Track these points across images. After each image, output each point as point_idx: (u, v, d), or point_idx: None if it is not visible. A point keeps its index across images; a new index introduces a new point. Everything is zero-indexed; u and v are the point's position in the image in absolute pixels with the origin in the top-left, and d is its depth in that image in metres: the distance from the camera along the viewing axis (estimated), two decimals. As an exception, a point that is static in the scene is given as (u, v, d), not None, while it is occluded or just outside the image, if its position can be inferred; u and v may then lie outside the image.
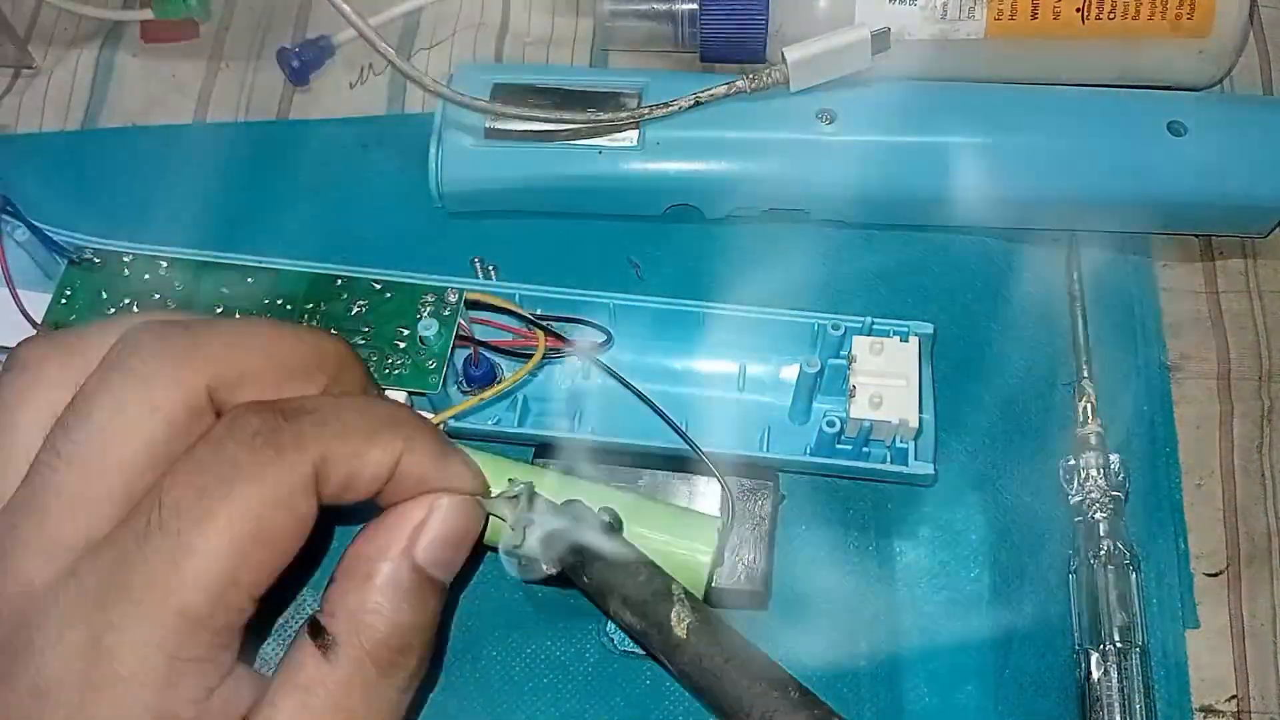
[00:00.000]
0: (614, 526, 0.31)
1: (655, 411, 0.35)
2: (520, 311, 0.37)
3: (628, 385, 0.36)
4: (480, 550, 0.29)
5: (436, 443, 0.27)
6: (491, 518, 0.29)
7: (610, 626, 0.36)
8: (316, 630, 0.26)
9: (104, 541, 0.24)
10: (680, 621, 0.28)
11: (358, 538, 0.27)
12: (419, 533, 0.27)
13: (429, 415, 0.34)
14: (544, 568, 0.30)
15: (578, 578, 0.30)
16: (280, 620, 0.35)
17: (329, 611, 0.26)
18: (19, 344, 0.27)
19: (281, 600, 0.35)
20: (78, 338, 0.27)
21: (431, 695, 0.35)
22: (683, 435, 0.35)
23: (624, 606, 0.29)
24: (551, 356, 0.37)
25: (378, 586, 0.26)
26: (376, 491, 0.26)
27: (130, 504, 0.24)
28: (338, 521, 0.31)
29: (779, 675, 0.28)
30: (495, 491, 0.29)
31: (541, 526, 0.29)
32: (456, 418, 0.35)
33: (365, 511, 0.27)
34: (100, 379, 0.25)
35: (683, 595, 0.29)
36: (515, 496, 0.29)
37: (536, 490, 0.30)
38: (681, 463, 0.35)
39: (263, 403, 0.25)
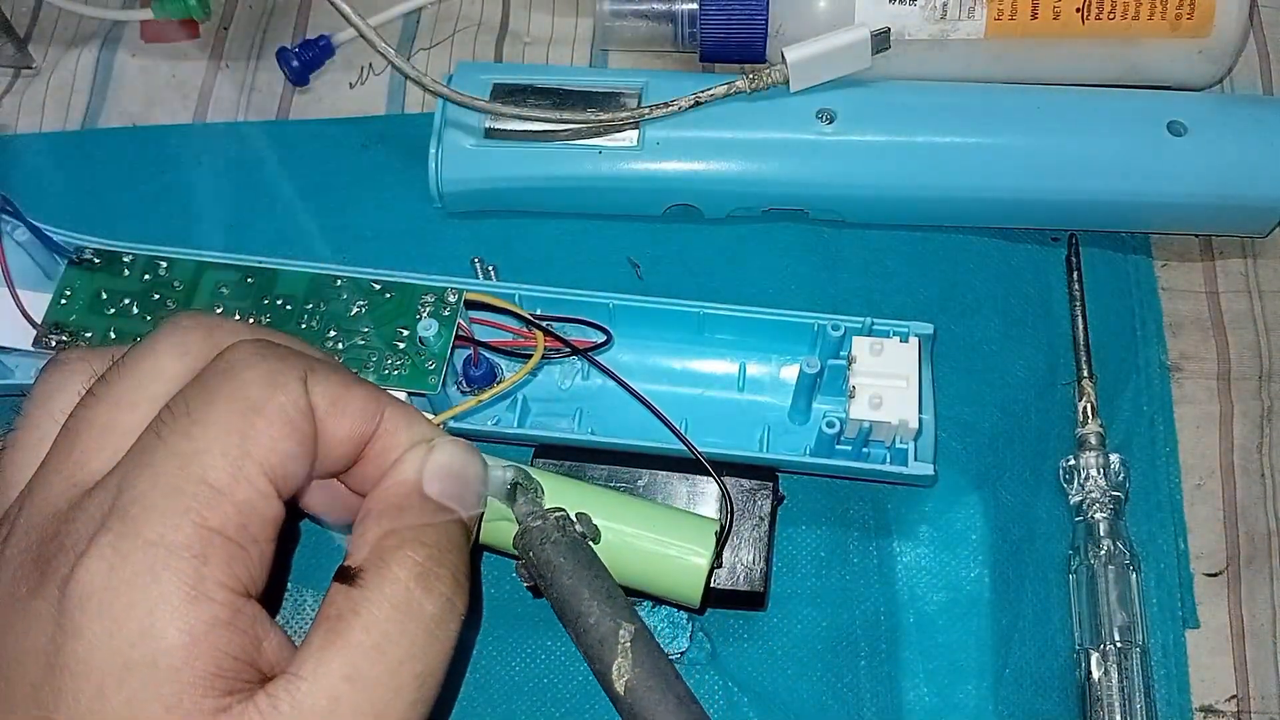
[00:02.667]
0: (586, 537, 0.30)
1: (653, 412, 0.35)
2: (520, 312, 0.37)
3: (626, 386, 0.36)
4: (477, 552, 0.30)
5: (412, 412, 0.28)
6: (489, 523, 0.30)
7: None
8: (343, 572, 0.26)
9: (128, 453, 0.25)
10: (620, 676, 0.27)
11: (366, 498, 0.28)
12: (424, 469, 0.27)
13: (429, 416, 0.34)
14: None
15: (540, 596, 0.30)
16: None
17: (351, 553, 0.26)
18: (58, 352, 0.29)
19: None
20: (113, 347, 0.28)
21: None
22: (680, 436, 0.35)
23: (576, 643, 0.29)
24: (551, 357, 0.37)
25: (392, 517, 0.26)
26: (361, 442, 0.27)
27: None
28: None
29: None
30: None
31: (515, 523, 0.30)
32: (457, 418, 0.35)
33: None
34: (137, 345, 0.27)
35: (628, 645, 0.28)
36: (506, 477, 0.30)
37: (521, 483, 0.30)
38: (681, 463, 0.35)
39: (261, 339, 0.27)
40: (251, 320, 0.36)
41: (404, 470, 0.27)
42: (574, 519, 0.30)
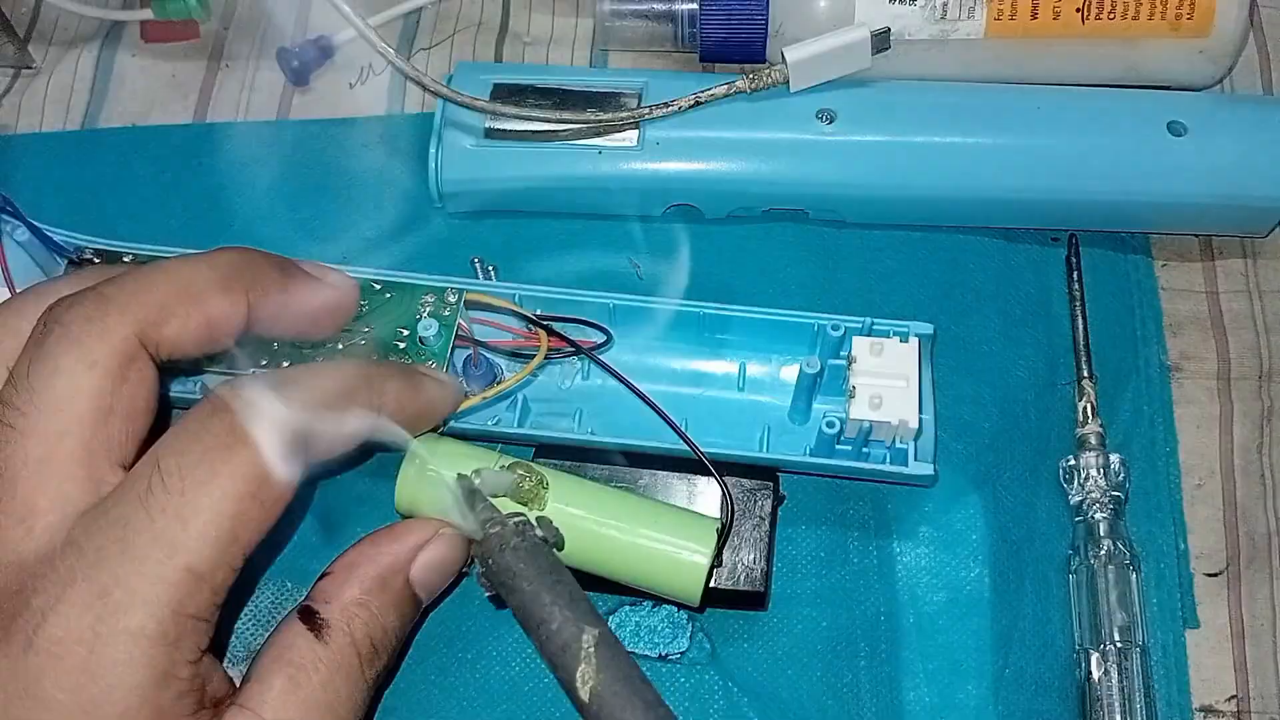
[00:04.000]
0: (548, 542, 0.30)
1: (655, 411, 0.35)
2: (521, 311, 0.37)
3: (629, 385, 0.36)
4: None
5: (408, 382, 0.31)
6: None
7: (610, 626, 0.35)
8: (309, 614, 0.27)
9: (99, 508, 0.25)
10: (584, 683, 0.27)
11: (362, 541, 0.30)
12: (418, 552, 0.29)
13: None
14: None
15: (503, 605, 0.30)
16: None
17: (322, 600, 0.28)
18: None
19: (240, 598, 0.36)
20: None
21: (431, 694, 0.35)
22: (682, 435, 0.35)
23: (540, 651, 0.28)
24: (553, 357, 0.37)
25: (373, 587, 0.28)
26: (361, 441, 0.29)
27: (93, 460, 0.26)
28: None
29: None
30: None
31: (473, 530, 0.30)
32: (457, 417, 0.35)
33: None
34: (31, 356, 0.26)
35: (591, 650, 0.27)
36: (466, 484, 0.30)
37: (479, 491, 0.31)
38: (682, 463, 0.35)
39: (248, 379, 0.27)
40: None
41: (404, 544, 0.29)
42: (534, 524, 0.30)
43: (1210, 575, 0.37)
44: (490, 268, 0.40)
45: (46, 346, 0.26)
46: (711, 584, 0.33)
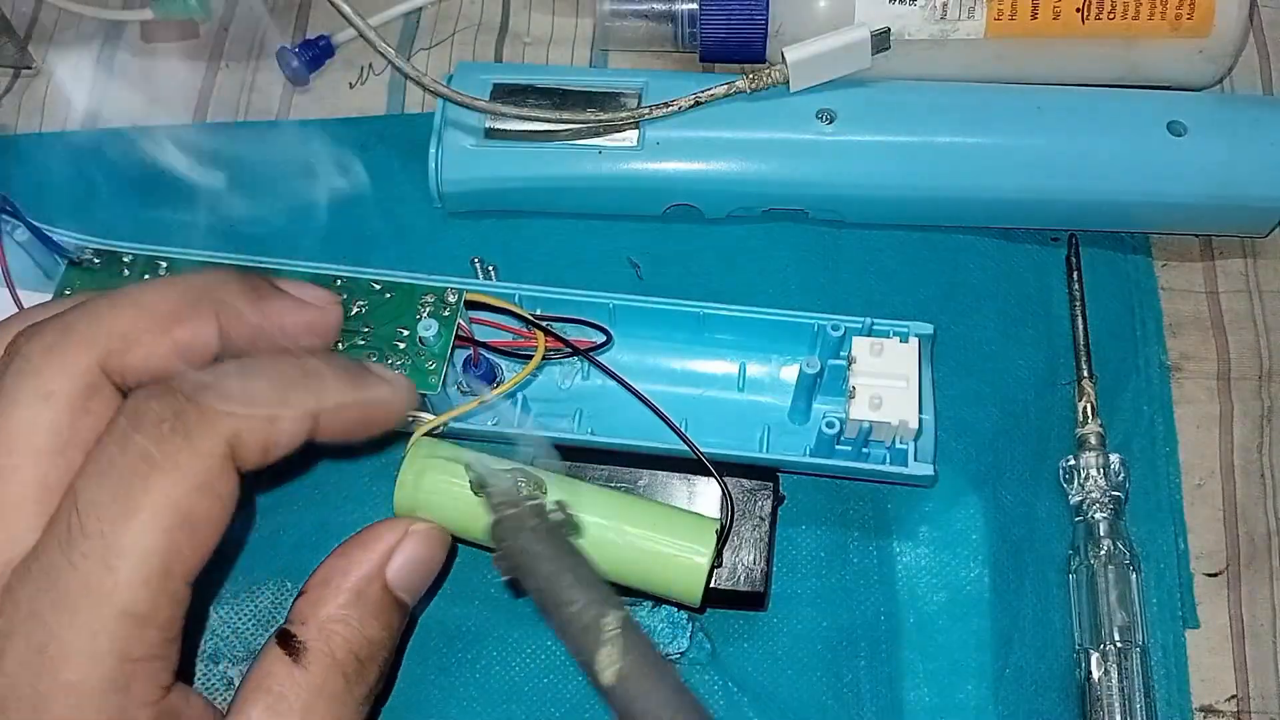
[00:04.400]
0: (565, 524, 0.29)
1: (654, 412, 0.35)
2: (520, 312, 0.37)
3: (627, 386, 0.36)
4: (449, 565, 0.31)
5: (350, 382, 0.28)
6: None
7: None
8: (286, 638, 0.26)
9: (31, 554, 0.24)
10: (609, 664, 0.26)
11: (332, 554, 0.28)
12: (391, 555, 0.28)
13: (428, 416, 0.34)
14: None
15: (520, 592, 0.29)
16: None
17: (299, 621, 0.27)
18: None
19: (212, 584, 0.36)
20: None
21: (431, 694, 0.35)
22: (681, 435, 0.35)
23: (560, 634, 0.27)
24: (551, 357, 0.37)
25: (349, 600, 0.27)
26: (300, 445, 0.27)
27: (48, 496, 0.24)
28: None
29: None
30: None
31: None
32: (459, 418, 0.35)
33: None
34: None
35: (617, 632, 0.26)
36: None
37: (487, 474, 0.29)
38: (681, 463, 0.35)
39: (161, 384, 0.25)
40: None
41: (376, 549, 0.28)
42: (550, 506, 0.29)
43: (1210, 575, 0.37)
44: (490, 268, 0.40)
45: (5, 380, 0.25)
46: (711, 584, 0.33)
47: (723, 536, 0.33)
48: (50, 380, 0.25)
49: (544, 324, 0.37)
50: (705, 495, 0.35)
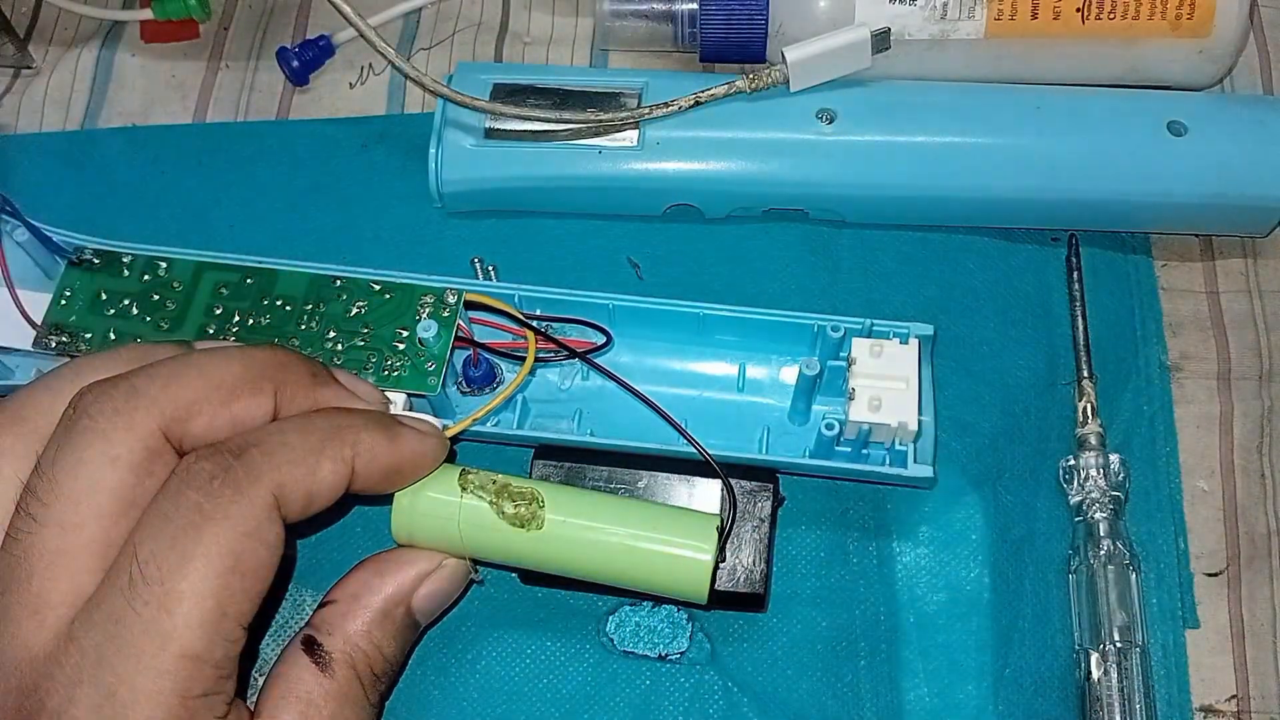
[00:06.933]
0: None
1: (655, 411, 0.35)
2: (512, 311, 0.37)
3: (627, 387, 0.36)
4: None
5: (384, 433, 0.29)
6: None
7: (610, 626, 0.36)
8: (311, 645, 0.28)
9: (91, 603, 0.25)
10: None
11: (365, 567, 0.30)
12: (421, 582, 0.30)
13: (433, 420, 0.33)
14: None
15: None
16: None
17: (325, 630, 0.29)
18: None
19: (265, 620, 0.36)
20: (28, 406, 0.28)
21: (431, 695, 0.35)
22: (683, 433, 0.35)
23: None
24: (549, 360, 0.37)
25: (376, 620, 0.29)
26: (340, 495, 0.28)
27: (110, 554, 0.26)
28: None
29: None
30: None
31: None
32: (455, 420, 0.35)
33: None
34: (58, 444, 0.26)
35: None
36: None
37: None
38: (682, 464, 0.35)
39: (211, 446, 0.27)
40: (251, 321, 0.36)
41: (406, 576, 0.30)
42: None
43: (1210, 575, 0.37)
44: (490, 268, 0.40)
45: (73, 437, 0.26)
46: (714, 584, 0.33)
47: (725, 532, 0.33)
48: (117, 444, 0.26)
49: (539, 325, 0.37)
50: (706, 495, 0.35)
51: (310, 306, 0.36)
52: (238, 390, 0.28)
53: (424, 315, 0.36)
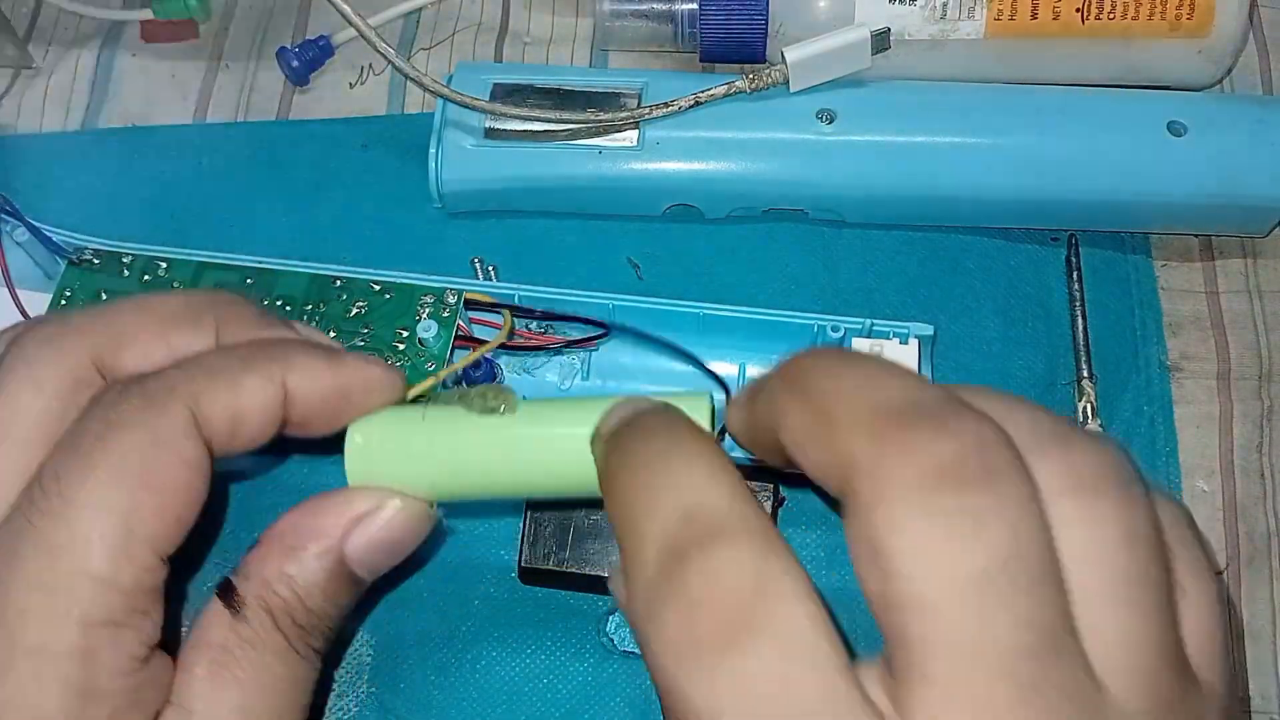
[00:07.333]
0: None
1: (671, 349, 0.34)
2: (493, 302, 0.36)
3: (644, 335, 0.35)
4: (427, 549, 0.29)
5: (323, 357, 0.26)
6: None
7: (610, 626, 0.36)
8: (227, 590, 0.25)
9: None
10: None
11: (294, 508, 0.27)
12: (356, 526, 0.26)
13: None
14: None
15: None
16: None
17: (243, 575, 0.26)
18: None
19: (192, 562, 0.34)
20: None
21: (431, 695, 0.35)
22: (694, 360, 0.33)
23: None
24: (552, 343, 0.37)
25: (298, 565, 0.25)
26: (277, 425, 0.26)
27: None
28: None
29: None
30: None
31: None
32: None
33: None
34: None
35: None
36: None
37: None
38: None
39: (130, 375, 0.25)
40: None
41: (336, 515, 0.26)
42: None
43: (1210, 575, 0.37)
44: (490, 268, 0.40)
45: (2, 366, 0.25)
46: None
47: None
48: (42, 370, 0.25)
49: (539, 325, 0.37)
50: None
51: (310, 306, 0.36)
52: (175, 321, 0.26)
53: (424, 315, 0.36)
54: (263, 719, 0.25)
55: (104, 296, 0.37)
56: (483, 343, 0.37)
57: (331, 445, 0.27)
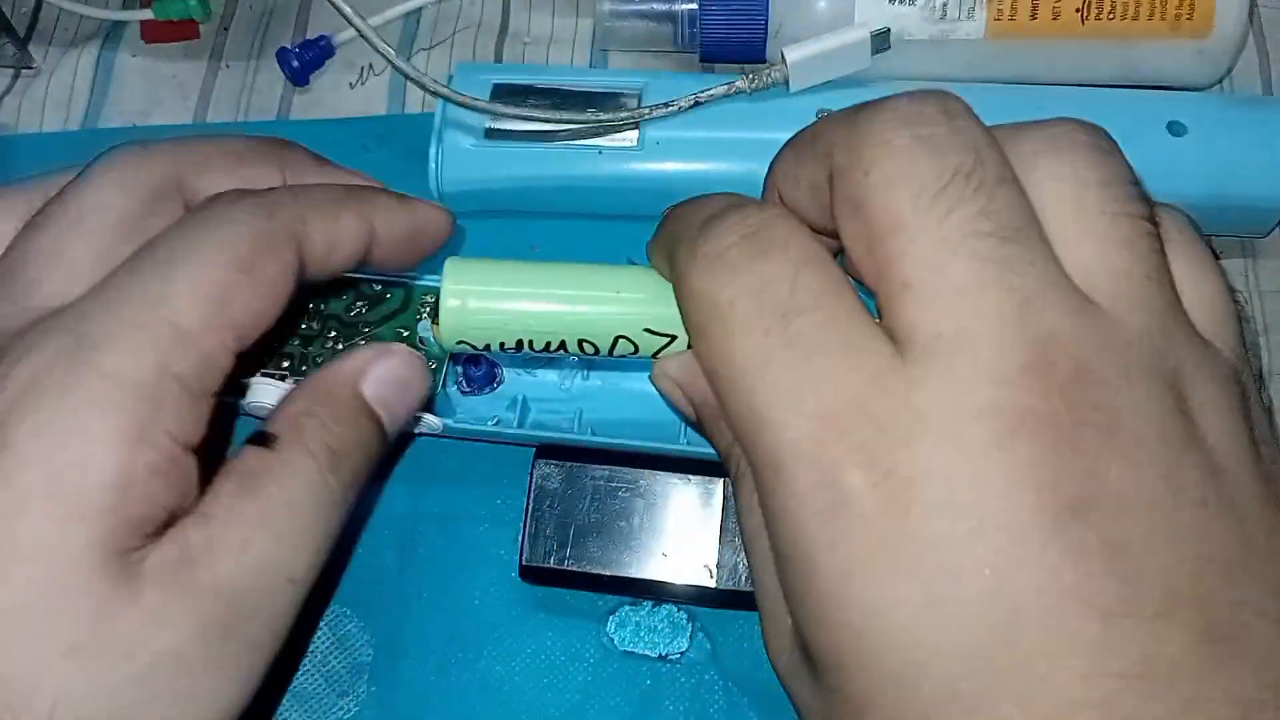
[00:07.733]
0: None
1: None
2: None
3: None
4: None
5: (398, 199, 0.30)
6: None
7: (610, 626, 0.36)
8: (257, 435, 0.26)
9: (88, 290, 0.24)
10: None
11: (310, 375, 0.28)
12: (369, 368, 0.28)
13: (432, 418, 0.34)
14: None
15: None
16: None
17: (270, 421, 0.26)
18: None
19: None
20: (41, 181, 0.29)
21: (431, 695, 0.35)
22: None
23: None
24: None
25: (319, 399, 0.27)
26: (359, 258, 0.28)
27: (109, 267, 0.25)
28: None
29: None
30: None
31: None
32: (455, 420, 0.35)
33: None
34: (73, 180, 0.27)
35: None
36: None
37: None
38: (683, 463, 0.35)
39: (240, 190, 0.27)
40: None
41: (352, 362, 0.28)
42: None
43: (1210, 575, 0.37)
44: (490, 268, 0.40)
45: (89, 169, 0.27)
46: (712, 584, 0.33)
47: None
48: (128, 173, 0.27)
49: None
50: (709, 495, 0.35)
51: (311, 306, 0.36)
52: (247, 157, 0.29)
53: (424, 315, 0.36)
54: (283, 536, 0.25)
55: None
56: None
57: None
